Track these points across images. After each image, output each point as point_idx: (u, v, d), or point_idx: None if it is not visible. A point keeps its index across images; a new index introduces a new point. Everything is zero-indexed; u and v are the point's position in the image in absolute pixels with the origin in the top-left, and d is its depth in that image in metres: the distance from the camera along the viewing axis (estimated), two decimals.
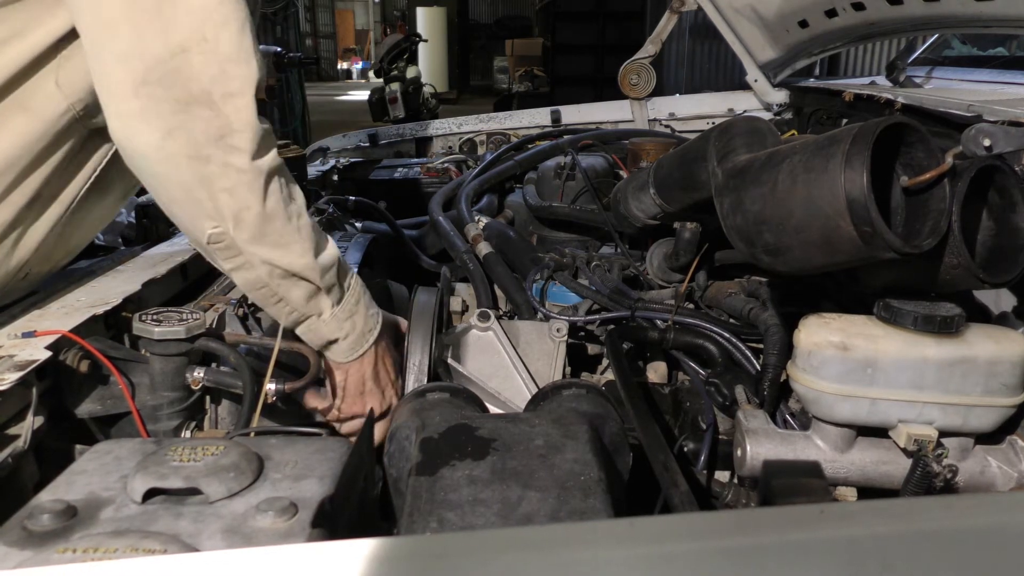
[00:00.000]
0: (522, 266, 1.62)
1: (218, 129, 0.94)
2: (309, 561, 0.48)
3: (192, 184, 0.95)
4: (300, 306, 1.07)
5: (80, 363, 1.00)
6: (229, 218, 0.97)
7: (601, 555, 0.48)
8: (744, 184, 1.05)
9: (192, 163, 0.94)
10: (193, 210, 0.98)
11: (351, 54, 25.37)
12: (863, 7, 2.24)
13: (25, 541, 0.66)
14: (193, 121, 0.93)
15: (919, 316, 0.94)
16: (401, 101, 9.79)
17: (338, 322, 1.11)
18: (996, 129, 0.95)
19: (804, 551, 0.49)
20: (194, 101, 0.92)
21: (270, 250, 1.00)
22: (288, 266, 1.02)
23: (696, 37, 9.34)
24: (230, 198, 0.96)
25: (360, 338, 1.14)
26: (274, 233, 1.00)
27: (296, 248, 1.02)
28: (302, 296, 1.06)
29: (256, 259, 1.00)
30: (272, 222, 0.99)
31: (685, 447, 1.14)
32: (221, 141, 0.94)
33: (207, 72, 0.92)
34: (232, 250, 0.99)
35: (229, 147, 0.94)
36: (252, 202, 0.97)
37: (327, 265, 1.07)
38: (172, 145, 0.93)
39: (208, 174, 0.95)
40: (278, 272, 1.02)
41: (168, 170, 0.95)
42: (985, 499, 0.79)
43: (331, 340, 1.11)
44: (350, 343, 1.13)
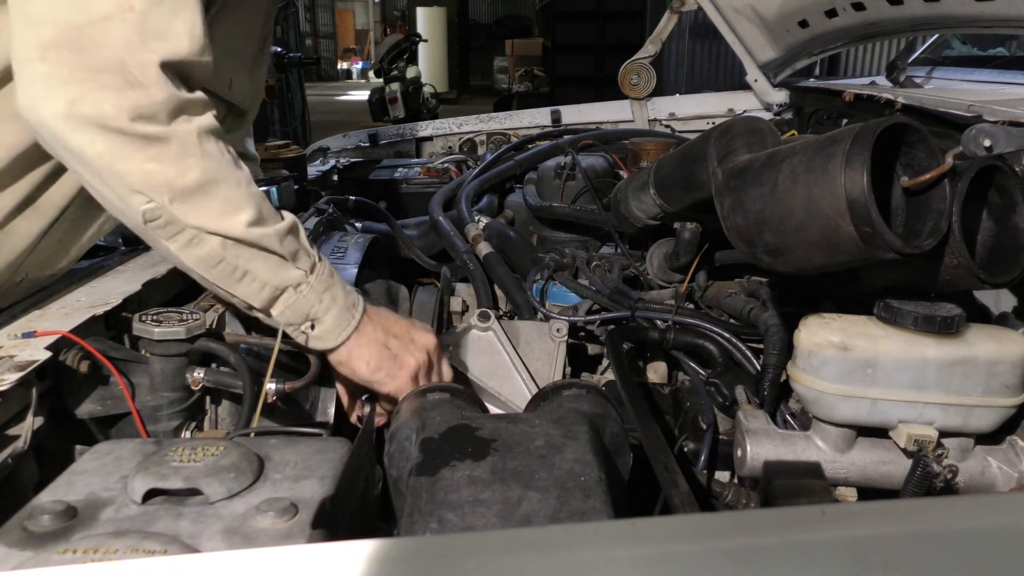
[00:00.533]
0: (522, 266, 1.62)
1: (130, 99, 0.87)
2: (309, 562, 0.48)
3: (112, 157, 0.88)
4: (270, 278, 0.98)
5: (80, 363, 1.00)
6: (163, 190, 0.90)
7: (602, 556, 0.48)
8: (744, 184, 1.05)
9: (107, 135, 0.87)
10: (120, 187, 0.90)
11: (351, 54, 25.37)
12: (863, 7, 2.24)
13: (25, 542, 0.66)
14: (102, 90, 0.86)
15: (919, 316, 0.94)
16: (401, 101, 9.79)
17: (316, 294, 1.01)
18: (996, 129, 0.95)
19: (805, 552, 0.49)
20: (106, 68, 0.86)
21: (217, 219, 0.92)
22: (242, 235, 0.94)
23: (696, 37, 9.34)
24: (160, 167, 0.89)
25: (345, 310, 1.04)
26: (217, 199, 0.92)
27: (246, 214, 0.94)
28: (268, 267, 0.97)
29: (203, 231, 0.92)
30: (216, 185, 0.92)
31: (685, 447, 1.14)
32: (135, 111, 0.88)
33: (126, 40, 0.86)
34: (174, 226, 0.92)
35: (145, 117, 0.88)
36: (189, 168, 0.91)
37: (284, 230, 0.98)
38: (79, 114, 0.86)
39: (125, 145, 0.88)
40: (232, 242, 0.94)
41: (81, 143, 0.88)
42: (986, 500, 0.79)
43: (314, 318, 1.02)
44: (335, 318, 1.02)
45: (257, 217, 0.95)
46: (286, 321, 1.02)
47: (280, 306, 1.01)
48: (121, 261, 1.37)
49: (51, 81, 0.86)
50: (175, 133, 0.90)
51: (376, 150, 2.99)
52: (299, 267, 1.00)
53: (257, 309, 1.01)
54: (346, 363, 1.07)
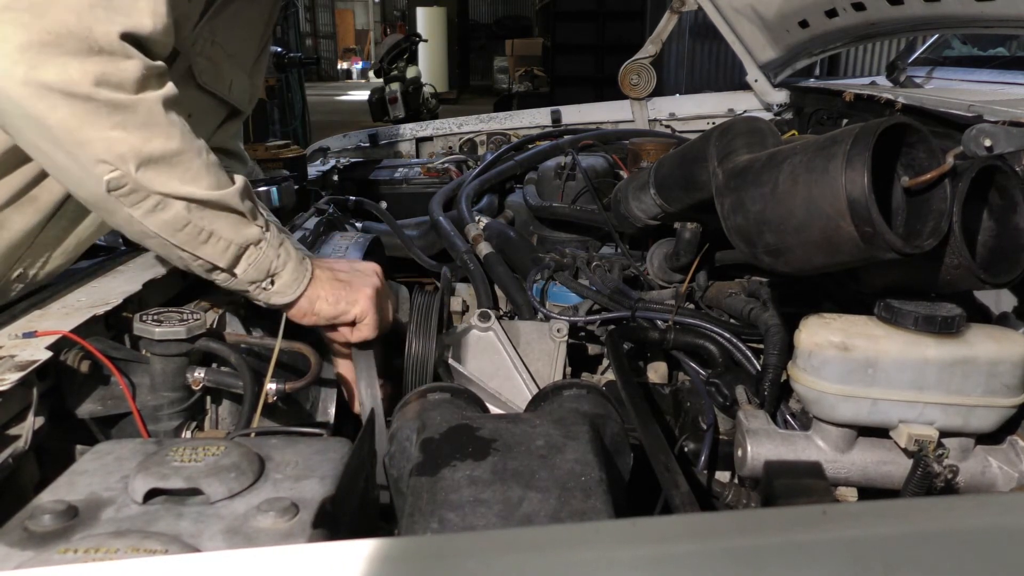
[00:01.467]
0: (522, 266, 1.62)
1: (96, 65, 0.85)
2: (310, 562, 0.48)
3: (75, 124, 0.86)
4: (233, 236, 1.00)
5: (81, 363, 1.00)
6: (130, 158, 0.89)
7: (602, 556, 0.48)
8: (745, 184, 1.05)
9: (71, 101, 0.85)
10: (83, 156, 0.89)
11: (351, 54, 25.37)
12: (863, 7, 2.24)
13: (26, 541, 0.66)
14: (66, 55, 0.84)
15: (920, 316, 0.94)
16: (401, 101, 9.80)
17: (273, 249, 1.04)
18: (997, 129, 0.95)
19: (806, 552, 0.49)
20: (68, 34, 0.84)
21: (181, 184, 0.93)
22: (206, 197, 0.95)
23: (696, 37, 9.34)
24: (125, 134, 0.88)
25: (299, 264, 1.08)
26: (181, 166, 0.93)
27: (209, 179, 0.96)
28: (230, 226, 0.99)
29: (169, 196, 0.93)
30: (181, 155, 0.93)
31: (686, 447, 1.14)
32: (101, 78, 0.86)
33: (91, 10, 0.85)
34: (139, 193, 0.92)
35: (112, 84, 0.86)
36: (154, 136, 0.90)
37: (241, 190, 1.01)
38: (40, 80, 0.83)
39: (90, 112, 0.86)
40: (196, 205, 0.95)
41: (42, 110, 0.85)
42: (987, 500, 0.79)
43: (273, 273, 1.05)
44: (292, 271, 1.06)
45: (215, 182, 0.97)
46: (249, 279, 1.04)
47: (243, 264, 1.03)
48: (121, 261, 1.37)
49: (8, 44, 0.82)
50: (142, 101, 0.89)
51: (376, 150, 2.99)
52: (257, 224, 1.03)
53: (222, 269, 1.02)
54: (309, 310, 1.10)
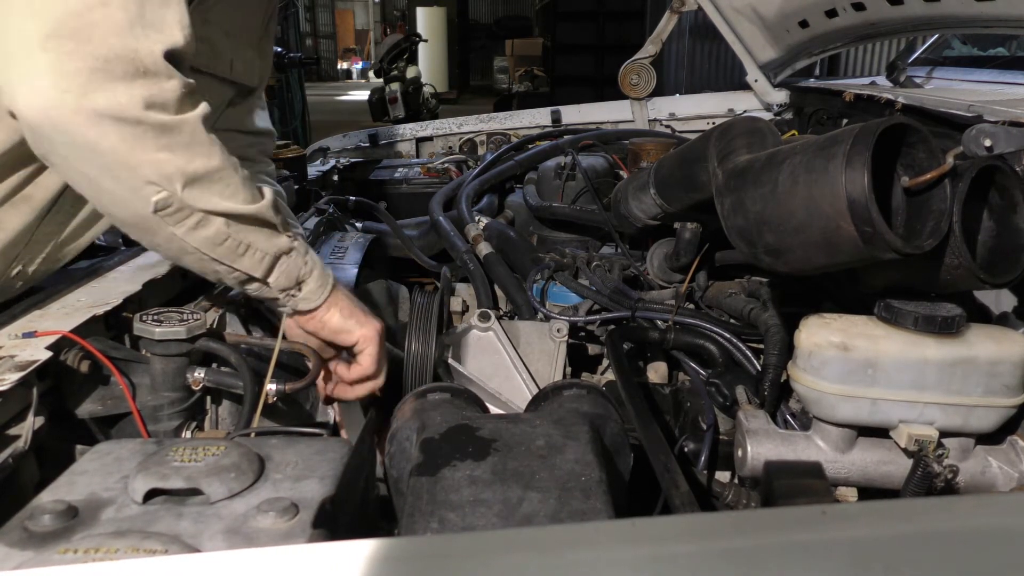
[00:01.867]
0: (522, 266, 1.62)
1: (143, 88, 0.86)
2: (310, 562, 0.48)
3: (125, 149, 0.87)
4: (269, 247, 1.03)
5: (81, 363, 1.00)
6: (176, 178, 0.91)
7: (602, 556, 0.48)
8: (745, 185, 1.05)
9: (121, 126, 0.86)
10: (132, 179, 0.90)
11: (351, 54, 25.36)
12: (863, 7, 2.24)
13: (26, 542, 0.66)
14: (113, 79, 0.84)
15: (920, 316, 0.94)
16: (401, 101, 9.80)
17: (301, 257, 1.07)
18: (997, 129, 0.95)
19: (806, 552, 0.49)
20: (114, 58, 0.84)
21: (222, 200, 0.96)
22: (244, 211, 0.98)
23: (696, 37, 9.34)
24: (172, 155, 0.90)
25: (323, 272, 1.11)
26: (221, 182, 0.96)
27: (245, 193, 0.99)
28: (265, 237, 1.02)
29: (210, 213, 0.95)
30: (220, 172, 0.95)
31: (686, 447, 1.14)
32: (149, 100, 0.87)
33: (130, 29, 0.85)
34: (183, 211, 0.94)
35: (158, 105, 0.88)
36: (196, 155, 0.92)
37: (272, 202, 1.03)
38: (92, 106, 0.84)
39: (140, 135, 0.87)
40: (234, 220, 0.98)
41: (94, 137, 0.86)
42: (987, 500, 0.79)
43: (301, 280, 1.08)
44: (317, 278, 1.10)
45: (252, 195, 1.00)
46: (280, 287, 1.07)
47: (276, 273, 1.05)
48: (121, 261, 1.37)
49: (58, 72, 0.82)
50: (185, 121, 0.91)
51: (376, 150, 2.99)
52: (287, 233, 1.06)
53: (257, 279, 1.05)
54: (323, 317, 1.12)
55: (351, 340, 1.14)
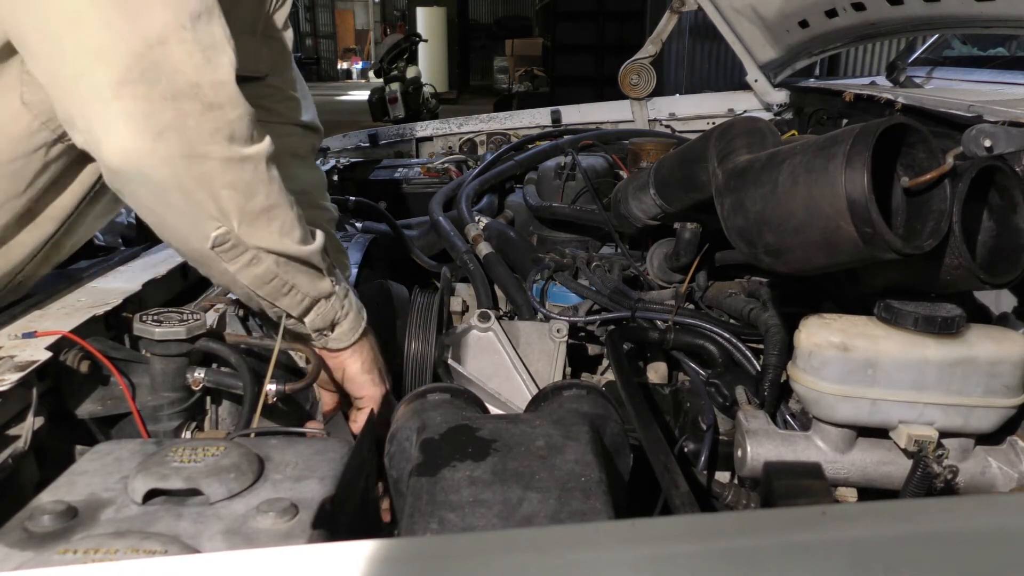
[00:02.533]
0: (522, 266, 1.62)
1: (211, 121, 0.88)
2: (310, 562, 0.48)
3: (192, 186, 0.89)
4: (310, 290, 1.05)
5: (80, 364, 1.00)
6: (234, 215, 0.92)
7: (602, 556, 0.48)
8: (745, 185, 1.05)
9: (189, 163, 0.87)
10: (194, 215, 0.92)
11: (351, 54, 25.36)
12: (863, 7, 2.24)
13: (26, 542, 0.66)
14: (183, 117, 0.86)
15: (920, 317, 0.94)
16: (401, 101, 9.80)
17: (339, 301, 1.09)
18: (997, 129, 0.95)
19: (806, 553, 0.49)
20: (181, 95, 0.85)
21: (278, 239, 0.97)
22: (296, 252, 1.00)
23: (696, 37, 9.34)
24: (233, 192, 0.91)
25: (358, 316, 1.13)
26: (277, 220, 0.97)
27: (298, 233, 1.00)
28: (309, 280, 1.04)
29: (263, 251, 0.97)
30: (276, 209, 0.96)
31: (685, 448, 1.14)
32: (217, 134, 0.88)
33: (191, 62, 0.86)
34: (238, 248, 0.95)
35: (226, 139, 0.89)
36: (256, 192, 0.93)
37: (322, 246, 1.05)
38: (165, 147, 0.86)
39: (207, 172, 0.89)
40: (284, 260, 0.99)
41: (165, 176, 0.88)
42: (987, 500, 0.79)
43: (335, 322, 1.10)
44: (351, 321, 1.12)
45: (304, 236, 1.01)
46: (314, 327, 1.09)
47: (313, 314, 1.07)
48: (121, 261, 1.37)
49: (134, 117, 0.84)
50: (251, 156, 0.92)
51: (376, 150, 2.99)
52: (331, 278, 1.08)
53: (293, 317, 1.07)
54: (346, 360, 1.15)
55: (358, 394, 1.17)
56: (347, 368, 1.15)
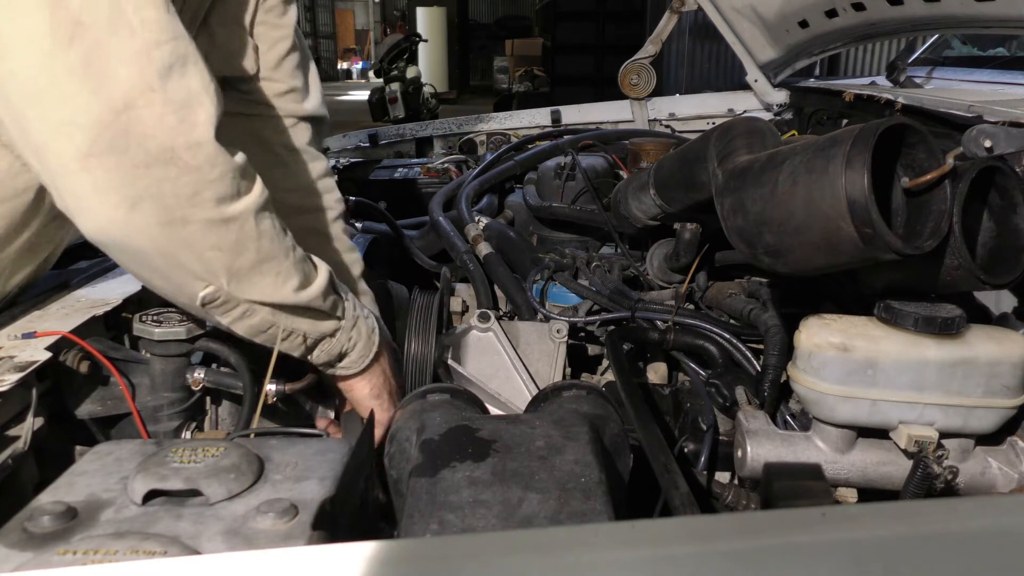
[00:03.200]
0: (522, 267, 1.62)
1: (190, 186, 0.82)
2: (309, 563, 0.48)
3: (174, 251, 0.85)
4: (312, 332, 1.02)
5: (80, 364, 1.00)
6: (222, 273, 0.88)
7: (602, 557, 0.48)
8: (745, 185, 1.05)
9: (169, 229, 0.83)
10: (180, 278, 0.88)
11: (351, 54, 25.36)
12: (863, 7, 2.24)
13: (25, 543, 0.66)
14: (159, 184, 0.80)
15: (920, 317, 0.94)
16: (401, 101, 9.81)
17: (346, 334, 1.06)
18: (997, 130, 0.95)
19: (806, 554, 0.49)
20: (155, 161, 0.80)
21: (272, 291, 0.93)
22: (293, 301, 0.96)
23: (696, 37, 9.34)
24: (219, 253, 0.87)
25: (368, 342, 1.10)
26: (271, 273, 0.92)
27: (296, 280, 0.96)
28: (309, 323, 1.01)
29: (256, 304, 0.93)
30: (269, 262, 0.92)
31: (685, 448, 1.14)
32: (196, 197, 0.83)
33: (162, 125, 0.80)
34: (230, 303, 0.92)
35: (208, 201, 0.84)
36: (245, 249, 0.89)
37: (326, 287, 1.01)
38: (142, 217, 0.81)
39: (189, 236, 0.84)
40: (281, 309, 0.96)
41: (143, 244, 0.84)
42: (987, 501, 0.79)
43: (343, 354, 1.08)
44: (360, 350, 1.09)
45: (303, 281, 0.97)
46: (320, 362, 1.07)
47: (317, 351, 1.05)
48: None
49: (103, 189, 0.79)
50: (235, 215, 0.87)
51: (376, 150, 2.99)
52: (336, 314, 1.04)
53: (295, 358, 1.05)
54: (354, 384, 1.13)
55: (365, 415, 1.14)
56: (354, 392, 1.13)
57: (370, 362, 1.11)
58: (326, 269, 1.03)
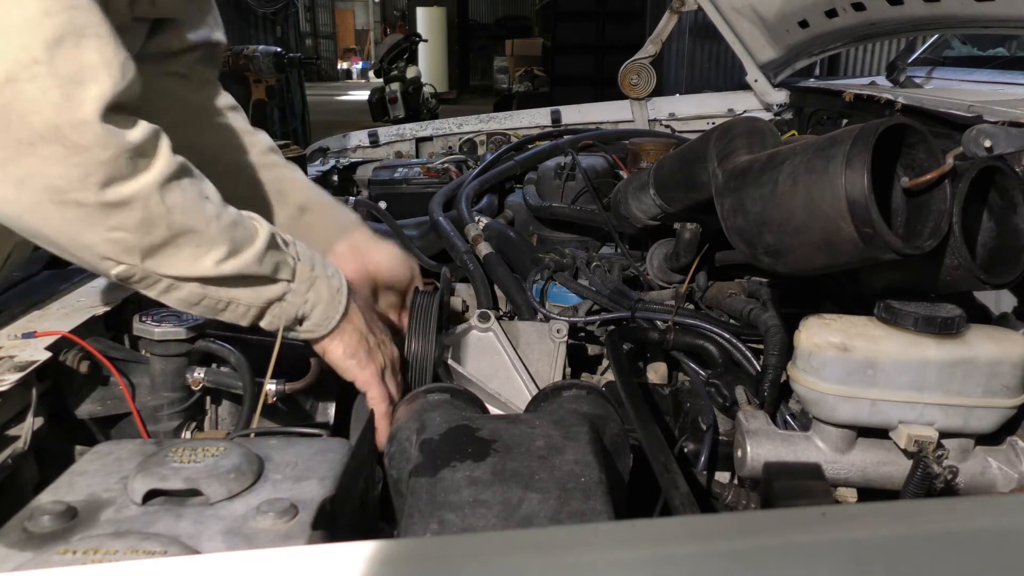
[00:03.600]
0: (522, 266, 1.62)
1: (80, 167, 0.77)
2: (309, 563, 0.48)
3: (73, 233, 0.80)
4: (253, 300, 0.94)
5: (80, 364, 1.00)
6: (133, 253, 0.83)
7: (602, 557, 0.48)
8: (745, 185, 1.05)
9: (62, 210, 0.78)
10: (88, 258, 0.83)
11: (351, 54, 25.37)
12: (863, 7, 2.24)
13: (25, 542, 0.66)
14: (46, 163, 0.76)
15: (920, 317, 0.94)
16: (401, 101, 9.82)
17: (300, 296, 0.98)
18: (997, 130, 0.95)
19: (806, 553, 0.49)
20: (40, 139, 0.75)
21: (192, 265, 0.87)
22: (219, 273, 0.89)
23: (696, 37, 9.34)
24: (124, 234, 0.82)
25: (331, 304, 1.01)
26: (189, 246, 0.86)
27: (221, 250, 0.89)
28: (249, 291, 0.94)
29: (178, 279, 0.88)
30: (185, 236, 0.85)
31: (685, 448, 1.14)
32: (88, 179, 0.78)
33: (47, 100, 0.75)
34: (149, 279, 0.87)
35: (100, 184, 0.78)
36: (154, 226, 0.83)
37: (262, 250, 0.93)
38: (29, 196, 0.77)
39: (88, 217, 0.79)
40: (210, 282, 0.90)
41: (38, 224, 0.80)
42: (987, 501, 0.79)
43: (300, 318, 1.00)
44: (322, 312, 1.01)
45: (231, 249, 0.90)
46: (274, 328, 1.00)
47: (267, 319, 0.98)
48: None
49: None
50: (136, 195, 0.81)
51: (376, 150, 2.99)
52: (281, 278, 0.97)
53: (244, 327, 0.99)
54: (326, 347, 1.05)
55: (350, 379, 1.07)
56: (327, 354, 1.06)
57: (338, 323, 1.03)
58: (266, 231, 0.95)
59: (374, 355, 1.08)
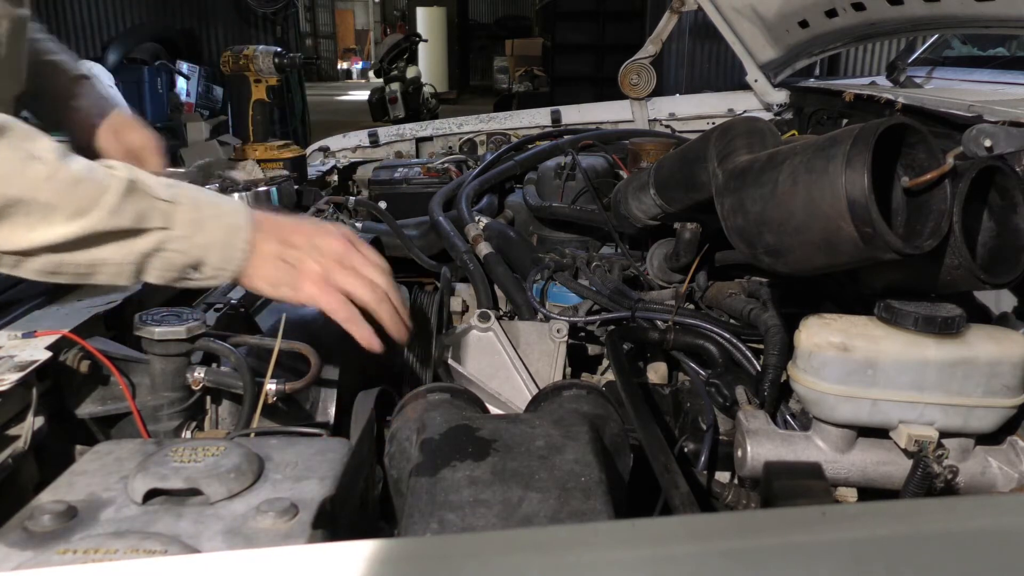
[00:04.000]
0: (522, 266, 1.62)
1: None
2: (310, 562, 0.48)
3: None
4: (123, 256, 0.86)
5: (80, 363, 1.00)
6: None
7: (602, 557, 0.48)
8: (745, 185, 1.05)
9: None
10: None
11: (351, 54, 25.37)
12: (863, 7, 2.24)
13: (26, 542, 0.66)
14: None
15: (920, 317, 0.94)
16: (401, 101, 9.83)
17: (185, 242, 0.89)
18: (997, 129, 0.95)
19: (806, 553, 0.49)
20: None
21: (26, 236, 0.80)
22: (66, 236, 0.81)
23: (696, 37, 9.33)
24: None
25: (227, 245, 0.92)
26: (19, 216, 0.79)
27: (61, 214, 0.80)
28: (114, 249, 0.85)
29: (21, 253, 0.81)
30: (13, 206, 0.78)
31: (685, 448, 1.14)
32: None
33: None
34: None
35: None
36: None
37: (116, 202, 0.83)
38: None
39: None
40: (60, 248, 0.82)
41: None
42: (987, 501, 0.79)
43: (195, 264, 0.91)
44: (219, 255, 0.92)
45: (75, 208, 0.81)
46: (164, 280, 0.92)
47: (149, 272, 0.90)
48: None
49: None
50: None
51: (376, 150, 2.99)
52: (152, 226, 0.87)
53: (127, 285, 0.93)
54: (249, 285, 0.99)
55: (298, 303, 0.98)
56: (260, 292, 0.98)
57: (242, 263, 0.94)
58: (121, 181, 0.85)
59: (304, 268, 0.97)
